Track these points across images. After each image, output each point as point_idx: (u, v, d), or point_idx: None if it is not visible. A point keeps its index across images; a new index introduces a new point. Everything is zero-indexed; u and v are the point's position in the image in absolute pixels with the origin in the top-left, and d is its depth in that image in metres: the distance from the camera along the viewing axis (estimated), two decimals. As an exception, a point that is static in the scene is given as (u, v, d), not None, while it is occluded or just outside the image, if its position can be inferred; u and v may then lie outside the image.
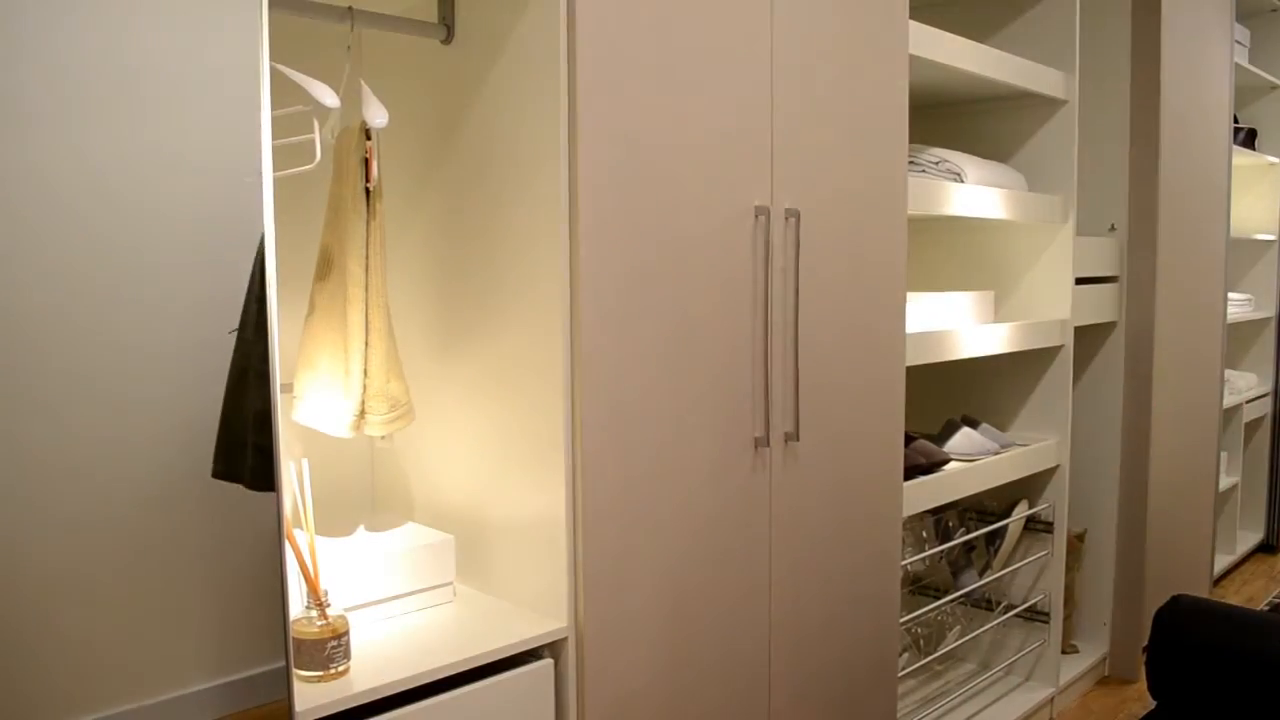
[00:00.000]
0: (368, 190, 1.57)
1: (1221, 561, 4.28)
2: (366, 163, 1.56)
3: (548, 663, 1.60)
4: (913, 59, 2.24)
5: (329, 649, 1.41)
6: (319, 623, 1.42)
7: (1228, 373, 4.14)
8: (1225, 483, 4.29)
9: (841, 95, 1.97)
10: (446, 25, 1.72)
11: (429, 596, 1.68)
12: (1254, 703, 1.90)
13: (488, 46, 1.66)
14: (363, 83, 1.57)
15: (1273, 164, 4.48)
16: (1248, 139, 4.28)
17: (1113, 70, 3.17)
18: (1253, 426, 4.60)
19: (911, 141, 2.79)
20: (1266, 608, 3.81)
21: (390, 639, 1.56)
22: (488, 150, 1.67)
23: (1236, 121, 4.21)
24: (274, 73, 1.38)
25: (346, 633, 1.43)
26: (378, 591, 1.62)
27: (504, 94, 1.63)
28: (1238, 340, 4.65)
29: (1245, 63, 4.10)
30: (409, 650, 1.51)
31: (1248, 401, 4.38)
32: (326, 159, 1.60)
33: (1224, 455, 4.26)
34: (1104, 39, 3.17)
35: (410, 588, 1.65)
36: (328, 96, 1.50)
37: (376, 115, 1.55)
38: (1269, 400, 4.62)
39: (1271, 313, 4.57)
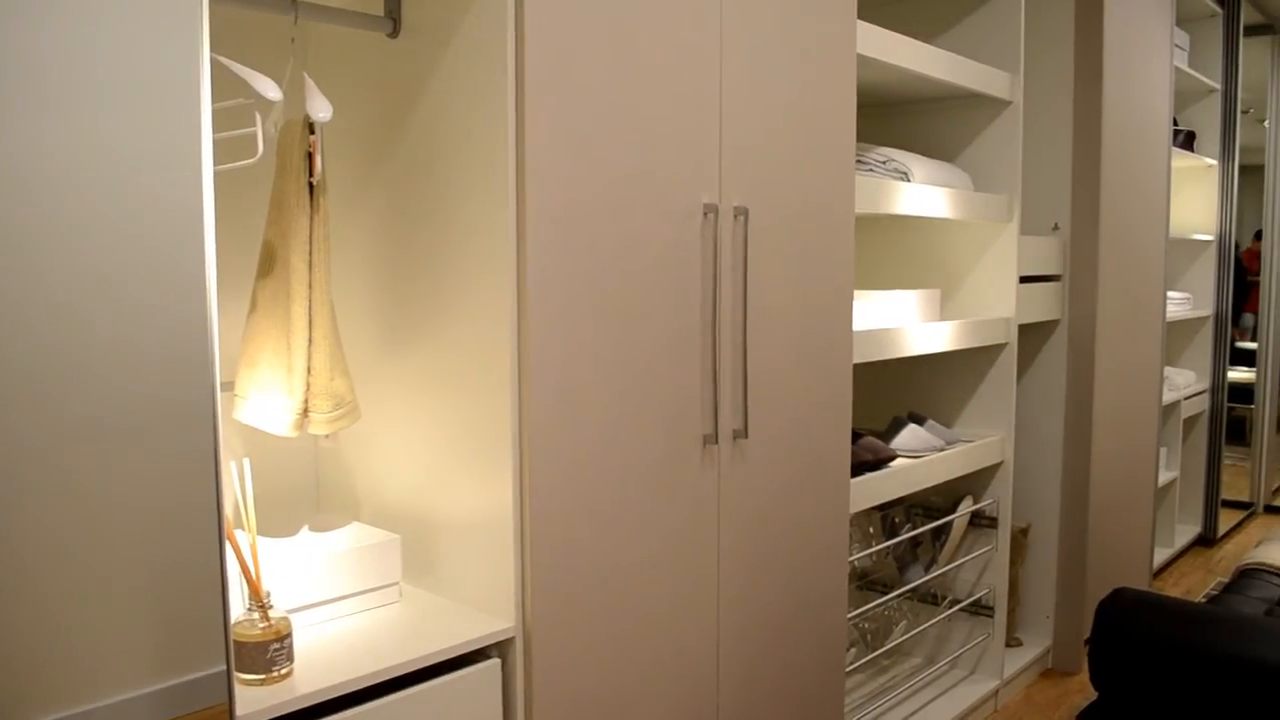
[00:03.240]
0: (311, 185, 1.54)
1: (1161, 554, 4.36)
2: (310, 157, 1.54)
3: (495, 662, 1.59)
4: (860, 59, 2.25)
5: (271, 651, 1.39)
6: (261, 625, 1.39)
7: (1167, 370, 4.22)
8: (1164, 477, 4.37)
9: (790, 94, 1.98)
10: (393, 19, 1.69)
11: (374, 597, 1.66)
12: (1192, 693, 1.94)
13: (434, 41, 1.64)
14: (306, 76, 1.54)
15: (1210, 166, 4.57)
16: (1187, 141, 4.37)
17: (1056, 72, 3.22)
18: (1190, 422, 4.70)
19: (859, 140, 2.81)
20: (1204, 599, 3.89)
21: (335, 640, 1.54)
22: (435, 145, 1.66)
23: (1176, 124, 4.29)
24: (215, 65, 1.35)
25: (289, 634, 1.41)
26: (322, 592, 1.59)
27: (451, 89, 1.62)
28: (1176, 338, 4.75)
29: (1185, 66, 4.18)
30: (354, 652, 1.49)
31: (1186, 398, 4.47)
32: (269, 153, 1.57)
33: (1163, 450, 4.34)
34: (1048, 42, 3.22)
35: (355, 588, 1.63)
36: (270, 90, 1.47)
37: (320, 109, 1.52)
38: (1206, 396, 4.72)
39: (1209, 311, 4.67)
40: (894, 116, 3.07)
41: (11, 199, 1.07)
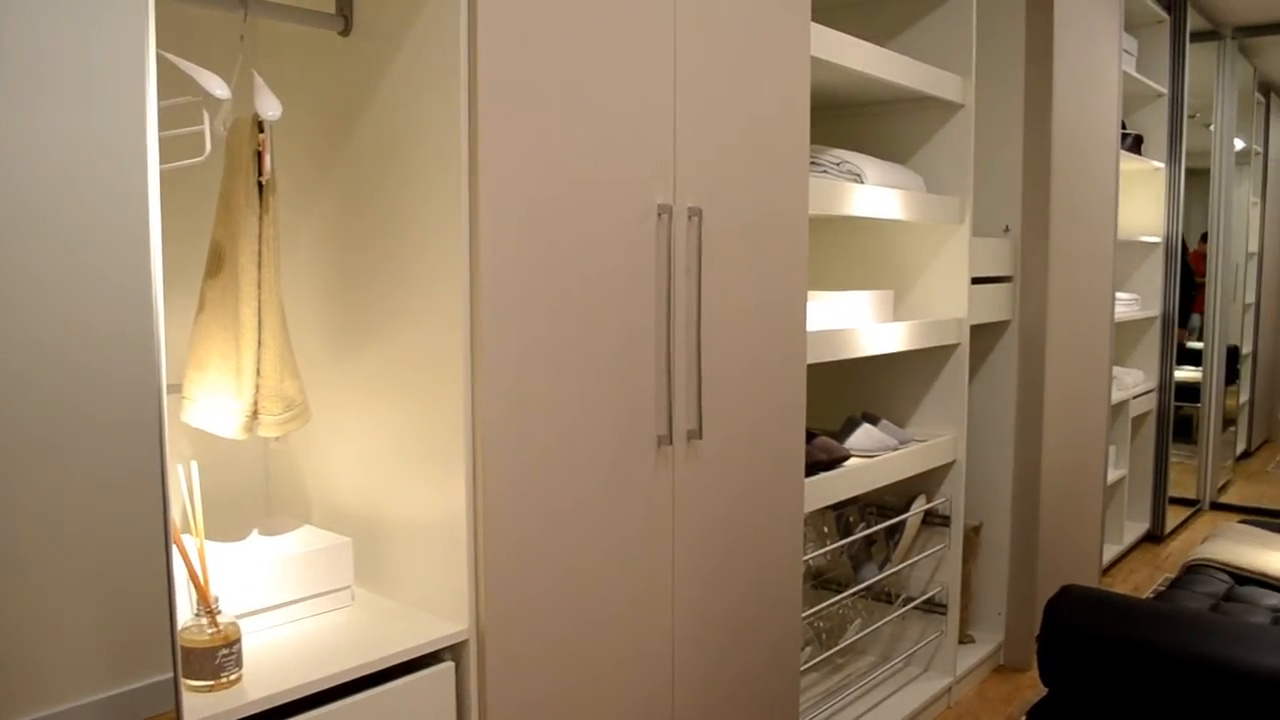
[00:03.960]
0: (261, 184, 1.52)
1: (1110, 551, 4.43)
2: (259, 156, 1.52)
3: (448, 665, 1.58)
4: (814, 61, 2.27)
5: (219, 657, 1.37)
6: (209, 630, 1.38)
7: (1115, 369, 4.29)
8: (1113, 475, 4.44)
9: (744, 96, 1.98)
10: (344, 17, 1.68)
11: (326, 601, 1.64)
12: (1139, 687, 1.98)
13: (387, 39, 1.62)
14: (255, 74, 1.52)
15: (1158, 169, 4.65)
16: (1135, 144, 4.44)
17: (1007, 76, 3.26)
18: (1139, 421, 4.78)
19: (813, 142, 2.83)
20: (1152, 595, 3.96)
21: (285, 645, 1.52)
22: (387, 145, 1.64)
23: (1124, 127, 4.36)
24: (161, 62, 1.33)
25: (238, 640, 1.39)
26: (272, 597, 1.57)
27: (404, 88, 1.60)
28: (1125, 338, 4.82)
29: (1133, 71, 4.25)
30: (304, 656, 1.48)
31: (1134, 397, 4.54)
32: (218, 152, 1.55)
33: (1112, 449, 4.41)
34: (999, 46, 3.26)
35: (306, 592, 1.61)
36: (218, 87, 1.45)
37: (269, 107, 1.50)
38: (1154, 396, 4.80)
39: (1156, 312, 4.75)
40: (848, 119, 3.09)
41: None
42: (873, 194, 2.51)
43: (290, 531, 1.73)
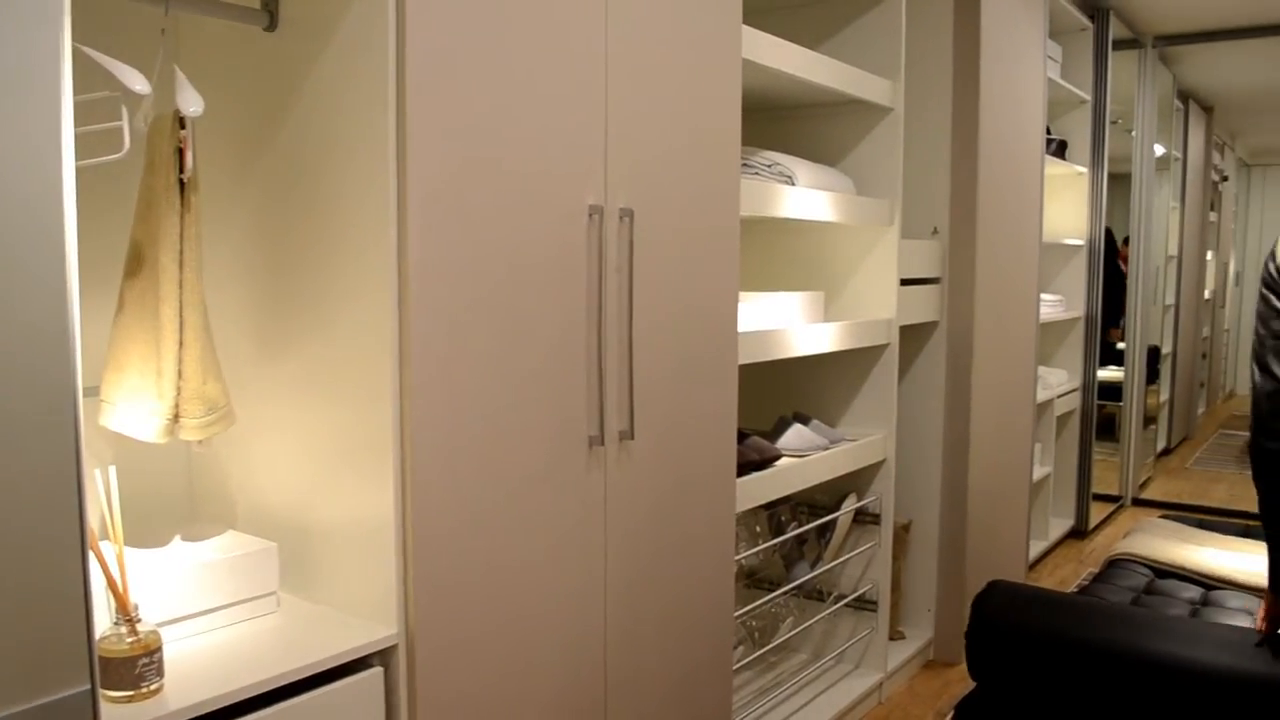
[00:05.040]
0: (182, 182, 1.49)
1: (1036, 547, 4.52)
2: (181, 153, 1.48)
3: (377, 671, 1.56)
4: (746, 64, 2.28)
5: (140, 667, 1.34)
6: (128, 639, 1.34)
7: (1041, 369, 4.38)
8: (1039, 473, 4.53)
9: (676, 97, 1.99)
10: (270, 12, 1.65)
11: (250, 607, 1.61)
12: (1063, 679, 2.02)
13: (313, 36, 1.60)
14: (177, 69, 1.49)
15: (1081, 173, 4.76)
16: (1059, 149, 4.54)
17: (936, 81, 3.31)
18: (1063, 420, 4.89)
19: (745, 144, 2.84)
20: (1077, 589, 4.05)
21: (208, 653, 1.49)
22: (313, 143, 1.62)
23: (1049, 133, 4.45)
24: (79, 55, 1.29)
25: (159, 649, 1.36)
26: (195, 604, 1.54)
27: (330, 85, 1.58)
28: (1049, 338, 4.93)
29: (1057, 78, 4.34)
30: (228, 664, 1.45)
31: (1059, 396, 4.64)
32: (138, 148, 1.51)
33: (1038, 447, 4.50)
34: (928, 51, 3.31)
35: (230, 599, 1.58)
36: (137, 82, 1.41)
37: (191, 103, 1.47)
38: (1078, 395, 4.91)
39: (1080, 313, 4.86)
40: (779, 121, 3.11)
41: None
42: (804, 196, 2.53)
43: (214, 537, 1.69)
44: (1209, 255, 7.55)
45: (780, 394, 3.16)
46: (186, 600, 1.53)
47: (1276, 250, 1.79)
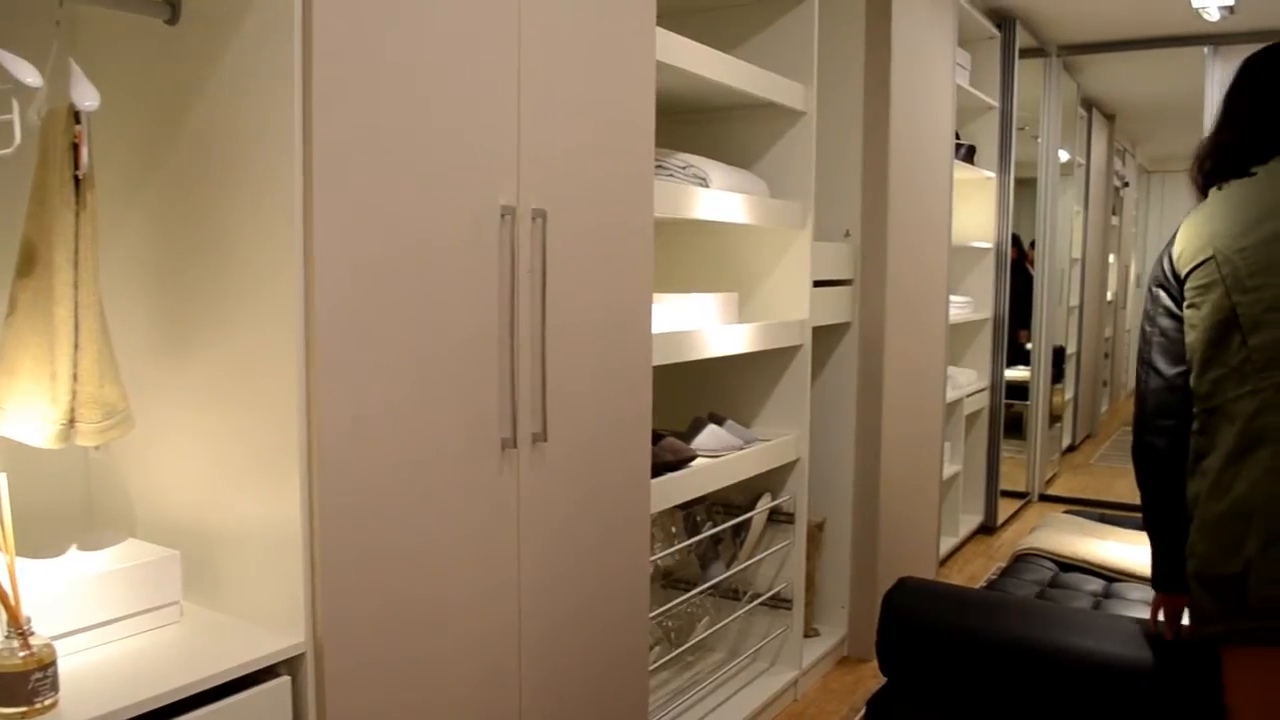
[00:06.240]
0: (77, 179, 1.44)
1: (947, 543, 4.62)
2: (76, 149, 1.44)
3: (284, 680, 1.52)
4: (660, 65, 2.29)
5: (33, 681, 1.29)
6: (21, 653, 1.29)
7: (950, 369, 4.47)
8: (949, 471, 4.63)
9: (589, 98, 1.99)
10: (171, 5, 1.60)
11: (151, 618, 1.56)
12: (971, 673, 2.06)
13: (217, 30, 1.56)
14: (72, 61, 1.44)
15: (989, 178, 4.88)
16: (968, 154, 4.64)
17: (848, 86, 3.36)
18: (972, 418, 5.00)
19: (659, 146, 2.85)
20: (985, 585, 4.15)
21: (107, 666, 1.44)
22: (217, 140, 1.58)
23: (958, 138, 4.55)
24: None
25: (53, 662, 1.31)
26: (93, 615, 1.49)
27: (234, 81, 1.54)
28: (959, 339, 5.04)
29: (966, 85, 4.44)
30: (128, 677, 1.40)
31: (968, 395, 4.75)
32: (30, 143, 1.46)
33: (947, 445, 4.60)
34: (840, 57, 3.36)
35: (130, 609, 1.53)
36: (29, 74, 1.37)
37: (86, 97, 1.42)
38: (987, 394, 5.03)
39: (988, 314, 4.98)
40: (693, 123, 3.13)
41: None
42: (717, 198, 2.55)
43: (113, 546, 1.64)
44: (1111, 258, 7.80)
45: (695, 395, 3.18)
46: (84, 612, 1.48)
47: (1172, 250, 1.84)
